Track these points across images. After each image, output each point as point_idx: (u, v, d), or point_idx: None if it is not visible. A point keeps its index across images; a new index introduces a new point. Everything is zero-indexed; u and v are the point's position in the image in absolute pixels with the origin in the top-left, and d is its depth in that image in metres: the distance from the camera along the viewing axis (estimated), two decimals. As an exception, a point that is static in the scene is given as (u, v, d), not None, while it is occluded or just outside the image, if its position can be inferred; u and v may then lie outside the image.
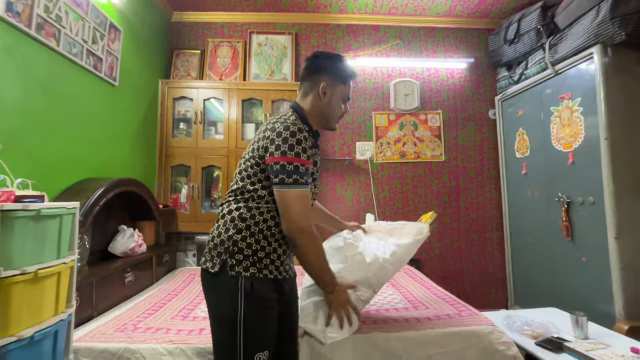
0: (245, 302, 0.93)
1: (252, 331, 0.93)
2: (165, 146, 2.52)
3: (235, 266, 0.96)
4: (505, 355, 1.26)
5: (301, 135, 0.98)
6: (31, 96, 1.41)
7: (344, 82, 1.11)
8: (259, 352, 0.93)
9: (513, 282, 2.77)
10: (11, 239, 0.87)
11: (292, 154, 0.96)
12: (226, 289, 0.95)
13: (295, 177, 0.96)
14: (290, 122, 1.00)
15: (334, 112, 1.12)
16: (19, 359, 0.87)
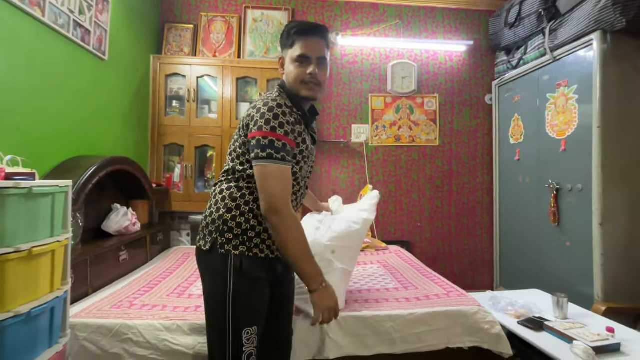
0: (234, 279, 0.96)
1: (241, 307, 0.95)
2: (157, 124, 2.47)
3: (225, 244, 0.97)
4: (490, 333, 1.33)
5: (279, 111, 0.96)
6: (16, 70, 1.35)
7: (290, 45, 1.03)
8: (247, 327, 0.95)
9: (500, 265, 2.87)
10: (3, 217, 0.86)
11: (267, 127, 0.93)
12: (217, 266, 0.98)
13: (270, 151, 0.93)
14: (271, 99, 0.99)
15: (289, 79, 1.04)
16: (18, 334, 0.88)
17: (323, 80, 1.05)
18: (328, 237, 1.33)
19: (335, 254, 1.32)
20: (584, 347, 1.20)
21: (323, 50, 1.04)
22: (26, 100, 1.40)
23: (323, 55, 1.03)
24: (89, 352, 1.18)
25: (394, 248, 2.49)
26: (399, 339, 1.30)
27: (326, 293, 0.98)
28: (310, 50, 1.01)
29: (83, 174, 1.50)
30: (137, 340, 1.19)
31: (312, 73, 1.01)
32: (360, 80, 2.88)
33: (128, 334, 1.19)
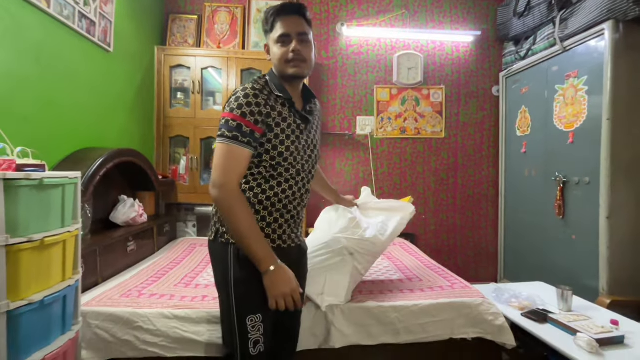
0: (234, 268, 0.98)
1: (242, 295, 0.97)
2: (163, 116, 2.47)
3: (225, 233, 1.00)
4: (493, 324, 1.34)
5: (241, 94, 0.97)
6: (24, 61, 1.36)
7: (270, 29, 1.04)
8: (251, 314, 0.97)
9: (504, 258, 2.87)
10: (16, 208, 0.88)
11: (227, 109, 0.97)
12: (219, 254, 1.01)
13: (223, 130, 0.95)
14: (243, 87, 1.00)
15: (276, 60, 1.04)
16: (32, 322, 0.91)
17: (308, 57, 1.03)
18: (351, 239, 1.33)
19: (353, 256, 1.34)
20: (587, 339, 1.20)
21: (303, 26, 1.03)
22: (34, 91, 1.41)
23: (303, 31, 1.02)
24: (101, 339, 1.21)
25: (398, 241, 2.49)
26: (403, 330, 1.32)
27: (278, 276, 0.92)
28: (290, 28, 1.00)
29: (91, 165, 1.51)
30: (147, 328, 1.21)
31: (294, 49, 1.00)
32: (365, 71, 2.85)
33: (138, 322, 1.22)
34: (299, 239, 1.13)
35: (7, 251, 0.85)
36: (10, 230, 0.86)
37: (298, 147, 1.04)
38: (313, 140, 1.12)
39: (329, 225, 1.42)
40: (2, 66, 1.26)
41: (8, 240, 0.85)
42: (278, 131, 1.00)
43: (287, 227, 1.06)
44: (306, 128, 1.08)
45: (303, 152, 1.06)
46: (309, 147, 1.09)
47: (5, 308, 0.84)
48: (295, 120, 1.04)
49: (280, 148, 1.00)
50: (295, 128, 1.04)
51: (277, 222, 1.03)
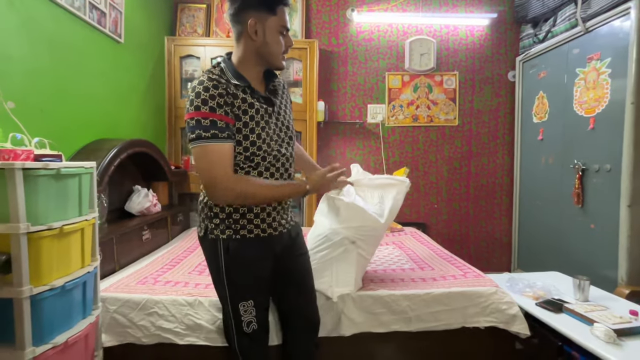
0: (225, 261, 1.00)
1: (234, 286, 1.02)
2: (174, 107, 2.49)
3: (214, 230, 1.01)
4: (507, 314, 1.32)
5: (200, 88, 0.91)
6: (37, 53, 1.38)
7: (273, 11, 0.95)
8: (242, 301, 1.02)
9: (518, 247, 2.82)
10: (36, 197, 0.90)
11: (191, 108, 0.91)
12: (210, 250, 1.03)
13: (198, 132, 0.90)
14: (198, 82, 0.94)
15: (273, 50, 0.97)
16: (54, 306, 0.95)
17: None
18: (349, 228, 1.31)
19: (355, 244, 1.33)
20: (605, 329, 1.18)
21: None
22: (48, 83, 1.44)
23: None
24: (119, 323, 1.25)
25: (409, 230, 2.48)
26: (415, 318, 1.32)
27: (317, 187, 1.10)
28: (287, 21, 1.00)
29: (105, 156, 1.54)
30: (162, 314, 1.25)
31: (291, 45, 1.02)
32: (376, 58, 2.79)
33: (154, 308, 1.25)
34: (289, 223, 1.13)
35: (29, 238, 0.88)
36: (31, 219, 0.89)
37: (269, 133, 1.00)
38: (284, 121, 1.07)
39: (325, 217, 1.40)
40: (18, 60, 1.29)
41: (29, 227, 0.88)
42: (246, 119, 0.96)
43: (275, 214, 1.06)
44: (273, 110, 1.03)
45: (276, 136, 1.03)
46: (281, 130, 1.05)
47: (28, 293, 0.87)
48: (261, 105, 0.99)
49: (252, 137, 0.97)
50: (264, 113, 1.00)
51: (264, 210, 1.03)
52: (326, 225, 1.36)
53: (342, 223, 1.30)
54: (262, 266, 1.05)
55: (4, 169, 0.84)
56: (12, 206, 0.85)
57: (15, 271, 0.86)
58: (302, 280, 1.17)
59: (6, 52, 1.23)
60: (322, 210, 1.42)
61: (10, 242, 0.86)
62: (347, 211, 1.30)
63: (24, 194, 0.87)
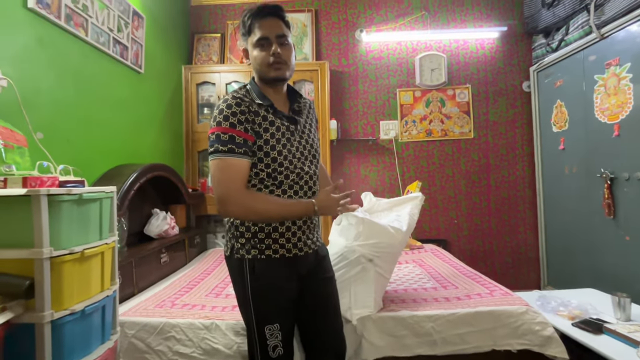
0: (250, 282, 0.99)
1: (260, 307, 1.00)
2: (191, 131, 2.58)
3: (240, 249, 1.01)
4: (541, 335, 1.23)
5: (223, 105, 0.96)
6: (65, 86, 1.47)
7: (249, 33, 1.02)
8: (268, 324, 0.99)
9: (546, 263, 2.67)
10: (59, 222, 0.93)
11: (213, 124, 0.96)
12: (236, 270, 1.02)
13: (217, 145, 0.93)
14: (223, 99, 0.98)
15: (256, 64, 1.02)
16: (74, 330, 0.95)
17: (288, 58, 1.02)
18: (365, 245, 1.27)
19: (373, 262, 1.29)
20: (654, 351, 1.07)
21: (282, 29, 1.01)
22: (74, 113, 1.52)
23: (282, 33, 1.01)
24: (137, 348, 1.24)
25: (429, 247, 2.40)
26: (440, 340, 1.24)
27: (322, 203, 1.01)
28: (268, 31, 0.99)
29: (125, 180, 1.59)
30: (179, 338, 1.23)
31: (274, 52, 0.99)
32: (387, 75, 2.82)
33: (171, 332, 1.24)
34: (316, 244, 1.09)
35: (51, 263, 0.90)
36: (54, 243, 0.91)
37: (291, 150, 1.01)
38: (308, 140, 1.08)
39: (340, 236, 1.37)
40: (47, 92, 1.37)
41: (52, 252, 0.90)
42: (267, 136, 0.98)
43: (301, 234, 1.04)
44: (296, 129, 1.05)
45: (299, 154, 1.03)
46: (305, 148, 1.06)
47: (49, 317, 0.88)
48: (282, 123, 1.02)
49: (273, 154, 0.98)
50: (285, 130, 1.02)
51: (289, 230, 1.02)
52: (341, 244, 1.33)
53: (357, 240, 1.27)
54: (288, 288, 1.03)
55: (30, 195, 0.88)
56: (37, 231, 0.88)
57: (38, 296, 0.87)
58: (328, 305, 1.12)
59: (36, 86, 1.32)
60: (336, 229, 1.40)
61: (34, 267, 0.88)
62: (362, 227, 1.27)
63: (47, 219, 0.90)
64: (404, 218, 1.38)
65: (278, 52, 0.99)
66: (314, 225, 1.09)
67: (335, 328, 1.14)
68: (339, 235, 1.37)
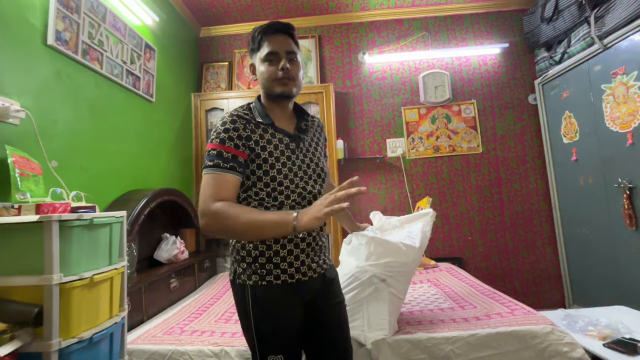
0: (253, 309, 0.95)
1: (263, 336, 0.94)
2: (200, 157, 2.62)
3: (241, 274, 0.97)
4: (570, 357, 1.15)
5: (220, 122, 0.96)
6: (80, 117, 1.53)
7: (257, 48, 1.01)
8: (272, 354, 0.94)
9: (570, 279, 2.54)
10: (70, 247, 0.94)
11: (209, 141, 0.96)
12: (239, 296, 0.98)
13: (206, 161, 0.93)
14: (227, 114, 0.98)
15: (263, 79, 1.01)
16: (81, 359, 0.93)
17: (296, 75, 1.00)
18: (377, 265, 1.23)
19: (386, 282, 1.24)
20: (697, 373, 0.99)
21: (291, 45, 1.00)
22: (88, 142, 1.57)
23: (292, 49, 1.00)
24: (145, 378, 1.20)
25: (444, 265, 2.33)
26: (461, 365, 1.17)
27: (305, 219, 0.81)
28: (278, 46, 0.98)
29: (136, 206, 1.61)
30: (188, 367, 1.19)
31: (283, 67, 0.97)
32: (391, 94, 2.86)
33: (180, 360, 1.20)
34: (322, 267, 1.02)
35: (60, 289, 0.89)
36: (64, 269, 0.91)
37: (292, 169, 0.98)
38: (312, 159, 1.04)
39: (350, 256, 1.33)
40: (63, 123, 1.43)
41: (62, 278, 0.90)
42: (266, 155, 0.95)
43: (305, 257, 0.98)
44: (298, 147, 1.01)
45: (302, 172, 0.99)
46: (308, 167, 1.01)
47: (57, 346, 0.86)
48: (282, 141, 0.99)
49: (272, 172, 0.95)
50: (284, 149, 0.98)
51: (292, 253, 0.96)
52: (352, 264, 1.30)
53: (369, 260, 1.24)
54: (292, 316, 0.97)
55: (42, 222, 0.89)
56: (47, 257, 0.88)
57: (46, 324, 0.87)
58: (335, 334, 1.05)
59: (53, 116, 1.38)
60: (346, 248, 1.37)
61: (43, 293, 0.87)
62: (373, 246, 1.23)
63: (58, 246, 0.90)
64: (416, 235, 1.33)
65: (287, 68, 0.97)
66: (319, 247, 1.03)
67: (339, 353, 1.05)
68: (349, 256, 1.34)
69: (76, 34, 1.49)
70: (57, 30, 1.39)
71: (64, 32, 1.43)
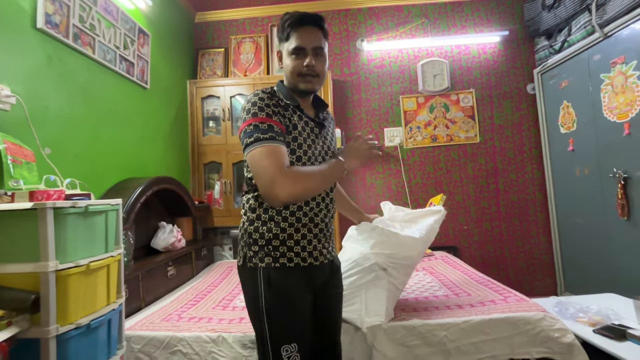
0: (265, 293, 0.92)
1: (276, 324, 0.91)
2: (196, 144, 2.60)
3: (252, 257, 0.95)
4: (561, 342, 1.18)
5: (256, 98, 0.94)
6: (73, 103, 1.50)
7: (286, 38, 1.00)
8: (286, 344, 0.90)
9: (562, 268, 2.59)
10: (65, 234, 0.93)
11: (248, 116, 0.92)
12: (249, 281, 0.96)
13: (257, 135, 0.89)
14: (254, 94, 0.97)
15: (287, 72, 1.01)
16: (79, 345, 0.94)
17: (321, 71, 1.00)
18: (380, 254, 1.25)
19: (386, 272, 1.26)
20: (683, 358, 1.01)
21: (319, 40, 0.99)
22: (82, 129, 1.54)
23: (319, 45, 0.99)
24: (143, 363, 1.22)
25: (440, 254, 2.35)
26: (455, 350, 1.20)
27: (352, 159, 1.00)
28: (306, 41, 0.97)
29: (132, 194, 1.60)
30: (186, 352, 1.21)
31: (308, 65, 0.97)
32: (389, 83, 2.83)
33: (178, 346, 1.22)
34: (331, 254, 1.05)
35: (57, 276, 0.89)
36: (60, 256, 0.91)
37: (314, 153, 0.99)
38: (329, 147, 1.07)
39: (355, 242, 1.34)
40: (56, 109, 1.40)
41: (57, 265, 0.89)
42: (296, 133, 0.96)
43: (317, 242, 0.99)
44: (320, 133, 1.03)
45: (321, 158, 1.01)
46: (327, 154, 1.04)
47: (55, 332, 0.87)
48: (307, 124, 1.00)
49: (299, 152, 0.96)
50: (310, 132, 1.00)
51: (305, 238, 0.97)
52: (356, 250, 1.31)
53: (373, 248, 1.25)
54: (304, 300, 0.96)
55: (36, 209, 0.88)
56: (42, 244, 0.88)
57: (43, 310, 0.87)
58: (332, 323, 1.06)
59: (44, 102, 1.35)
60: (351, 235, 1.38)
61: (39, 280, 0.87)
62: (380, 236, 1.24)
63: (53, 232, 0.90)
64: (425, 231, 1.34)
65: (312, 65, 0.97)
66: (330, 233, 1.05)
67: (334, 346, 1.07)
68: (354, 242, 1.35)
69: (67, 17, 1.45)
70: (46, 13, 1.34)
71: (54, 15, 1.39)
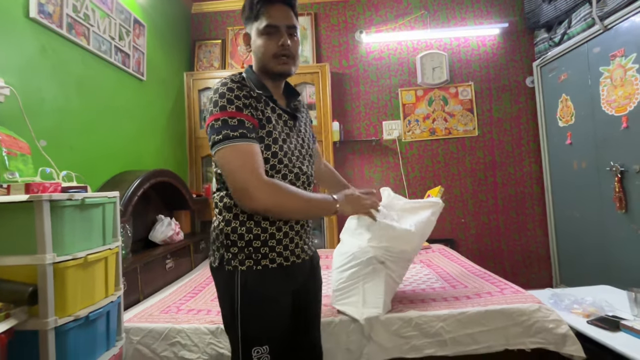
0: (241, 297, 0.87)
1: (249, 325, 0.87)
2: (194, 137, 2.58)
3: (231, 260, 0.89)
4: (555, 333, 1.19)
5: (224, 88, 0.85)
6: (68, 95, 1.48)
7: (255, 17, 0.91)
8: (257, 346, 0.87)
9: (558, 261, 2.61)
10: (62, 227, 0.93)
11: (215, 109, 0.83)
12: (225, 283, 0.90)
13: (226, 132, 0.80)
14: (221, 84, 0.87)
15: (259, 54, 0.91)
16: (78, 337, 0.94)
17: (296, 52, 0.92)
18: (378, 248, 1.24)
19: (384, 264, 1.26)
20: (675, 348, 1.03)
21: (292, 19, 0.92)
22: (77, 121, 1.53)
23: (293, 24, 0.91)
24: (143, 355, 1.23)
25: (437, 247, 2.37)
26: (451, 340, 1.21)
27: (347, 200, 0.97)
28: (279, 19, 0.89)
29: (129, 187, 1.59)
30: (185, 344, 1.22)
31: (283, 44, 0.89)
32: (388, 75, 2.81)
33: (177, 337, 1.23)
34: (312, 249, 1.02)
35: (54, 269, 0.89)
36: (57, 249, 0.91)
37: (290, 147, 0.93)
38: (305, 139, 1.00)
39: (352, 236, 1.34)
40: (50, 101, 1.38)
41: (55, 258, 0.89)
42: (270, 127, 0.88)
43: (298, 239, 0.95)
44: (294, 125, 0.97)
45: (298, 152, 0.95)
46: (302, 147, 0.98)
47: (53, 324, 0.87)
48: (280, 116, 0.93)
49: (274, 147, 0.89)
50: (283, 125, 0.93)
51: (287, 236, 0.92)
52: (354, 243, 1.31)
53: (371, 241, 1.25)
54: (283, 301, 0.92)
55: (32, 201, 0.88)
56: (39, 237, 0.87)
57: (41, 302, 0.87)
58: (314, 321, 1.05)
59: (39, 94, 1.33)
60: (349, 228, 1.38)
61: (37, 273, 0.87)
62: (378, 230, 1.24)
63: (50, 225, 0.89)
64: (422, 224, 1.33)
65: (287, 44, 0.89)
66: (310, 229, 1.01)
67: (315, 342, 1.05)
68: (351, 235, 1.35)
69: (60, 6, 1.42)
70: (39, 2, 1.32)
71: (47, 5, 1.36)
